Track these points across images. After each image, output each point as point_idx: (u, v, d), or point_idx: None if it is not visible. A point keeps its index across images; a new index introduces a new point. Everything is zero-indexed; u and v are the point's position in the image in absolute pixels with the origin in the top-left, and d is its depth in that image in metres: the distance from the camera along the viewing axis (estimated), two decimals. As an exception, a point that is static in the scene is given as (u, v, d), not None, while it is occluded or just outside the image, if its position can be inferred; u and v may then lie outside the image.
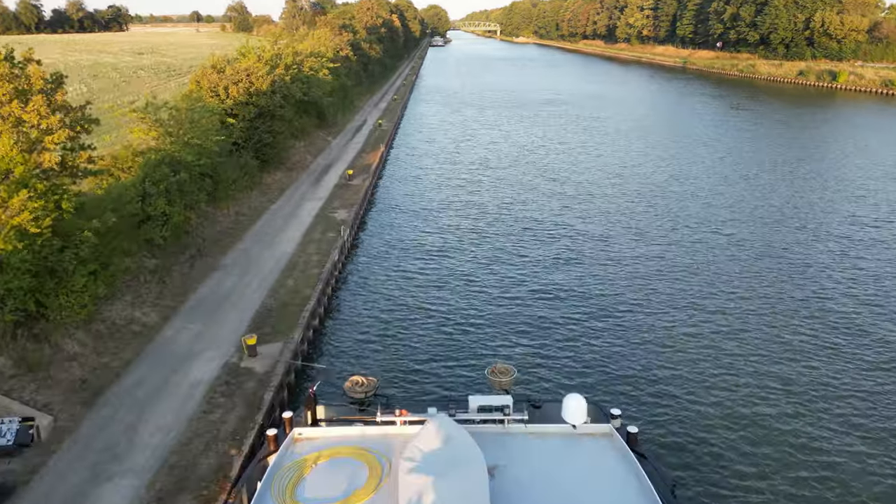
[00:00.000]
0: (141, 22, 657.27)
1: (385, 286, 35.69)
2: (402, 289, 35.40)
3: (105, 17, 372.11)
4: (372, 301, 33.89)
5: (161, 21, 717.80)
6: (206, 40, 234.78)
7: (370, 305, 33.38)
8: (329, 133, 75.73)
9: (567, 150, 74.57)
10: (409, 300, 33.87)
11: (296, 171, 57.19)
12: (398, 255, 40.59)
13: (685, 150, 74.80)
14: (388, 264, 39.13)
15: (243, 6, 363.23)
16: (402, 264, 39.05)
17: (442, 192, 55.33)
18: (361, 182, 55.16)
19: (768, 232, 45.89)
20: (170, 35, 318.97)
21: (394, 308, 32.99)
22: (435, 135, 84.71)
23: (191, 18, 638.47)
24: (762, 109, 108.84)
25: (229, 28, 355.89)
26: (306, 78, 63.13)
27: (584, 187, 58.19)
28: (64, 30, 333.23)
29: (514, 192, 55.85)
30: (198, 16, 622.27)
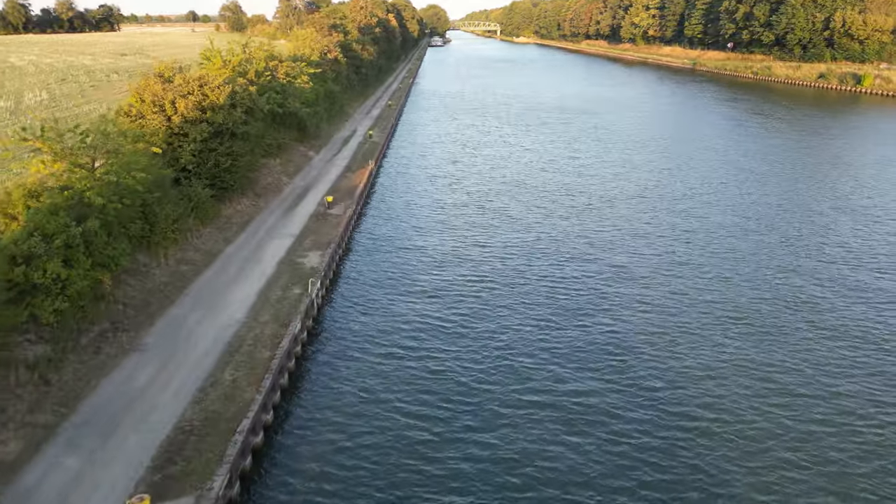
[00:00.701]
0: (137, 22, 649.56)
1: (362, 377, 26.86)
2: (385, 382, 26.52)
3: (96, 17, 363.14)
4: (343, 406, 24.80)
5: (157, 21, 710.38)
6: (197, 40, 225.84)
7: (341, 414, 24.22)
8: (311, 147, 66.98)
9: (581, 168, 65.81)
10: (397, 404, 24.86)
11: (266, 196, 48.44)
12: (381, 323, 31.64)
13: (714, 169, 66.04)
14: (368, 337, 30.26)
15: (237, 6, 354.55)
16: (386, 338, 30.17)
17: (438, 227, 46.43)
18: (343, 211, 46.42)
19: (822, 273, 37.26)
20: (162, 35, 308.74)
21: (374, 419, 23.94)
22: (431, 148, 75.95)
23: (187, 18, 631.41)
24: (786, 116, 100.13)
25: (223, 28, 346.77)
26: (281, 86, 54.43)
27: (608, 219, 49.45)
28: (53, 30, 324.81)
29: (524, 228, 47.07)
30: (194, 15, 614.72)
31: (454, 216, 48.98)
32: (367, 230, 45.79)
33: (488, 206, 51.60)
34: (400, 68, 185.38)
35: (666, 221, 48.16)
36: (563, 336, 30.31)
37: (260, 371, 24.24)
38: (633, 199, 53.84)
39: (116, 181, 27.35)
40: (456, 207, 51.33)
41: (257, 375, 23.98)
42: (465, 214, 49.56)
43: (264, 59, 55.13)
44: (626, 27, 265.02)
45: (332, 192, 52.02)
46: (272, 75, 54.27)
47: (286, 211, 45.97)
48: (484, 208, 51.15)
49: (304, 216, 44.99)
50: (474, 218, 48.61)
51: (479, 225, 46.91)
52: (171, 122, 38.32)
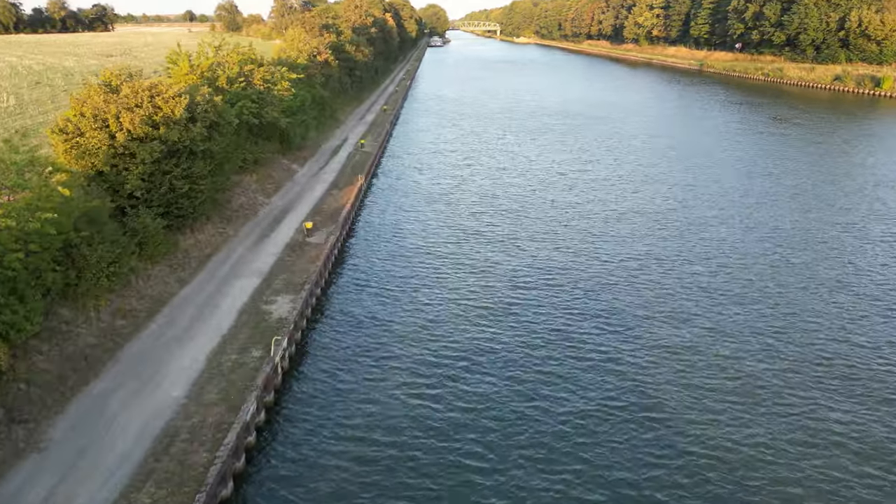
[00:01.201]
0: (135, 21, 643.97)
1: (337, 479, 20.69)
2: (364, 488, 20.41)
3: (89, 17, 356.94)
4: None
5: (154, 20, 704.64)
6: (192, 41, 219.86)
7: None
8: (296, 159, 60.78)
9: (593, 183, 59.63)
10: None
11: (237, 221, 42.26)
12: (363, 400, 25.46)
13: (738, 183, 59.87)
14: (344, 420, 24.06)
15: (233, 6, 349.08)
16: (368, 426, 23.89)
17: (434, 263, 40.17)
18: (324, 240, 40.24)
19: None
20: (156, 35, 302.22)
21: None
22: (428, 159, 69.75)
23: (184, 18, 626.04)
24: (806, 122, 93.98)
25: (219, 28, 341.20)
26: (258, 94, 48.27)
27: (628, 247, 43.29)
28: (45, 29, 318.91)
29: (534, 263, 40.90)
30: (191, 15, 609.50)
31: (453, 246, 42.74)
32: (351, 265, 39.46)
33: (492, 233, 45.39)
34: (397, 70, 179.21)
35: (696, 251, 41.99)
36: (590, 403, 24.18)
37: (190, 489, 18.07)
38: (655, 223, 47.65)
39: (17, 226, 21.17)
40: (455, 234, 45.09)
41: (185, 497, 17.80)
42: (466, 242, 43.33)
43: (238, 62, 48.94)
44: (630, 27, 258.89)
45: (315, 214, 45.83)
46: (247, 81, 48.10)
47: (258, 240, 39.75)
48: (487, 235, 44.94)
49: (279, 246, 38.79)
50: (476, 248, 42.39)
51: (483, 258, 40.71)
52: (116, 141, 32.15)
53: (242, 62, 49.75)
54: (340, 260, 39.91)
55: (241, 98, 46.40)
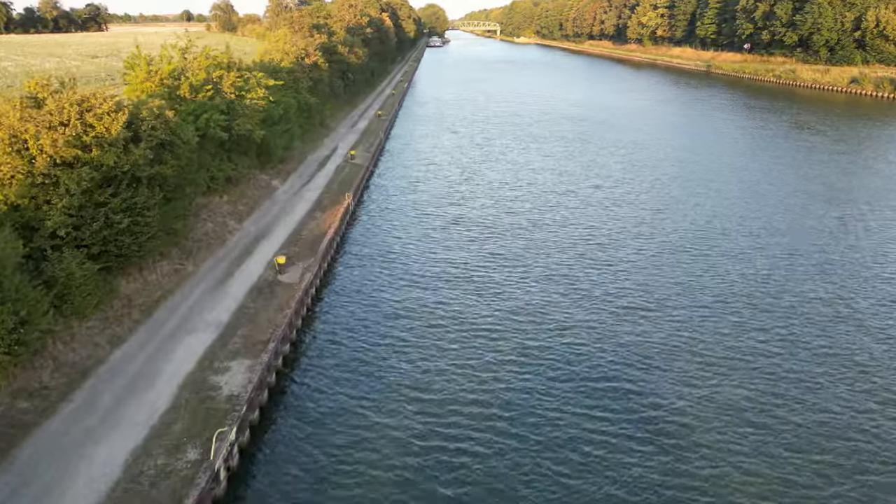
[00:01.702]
0: (132, 21, 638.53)
1: None
2: None
3: (82, 17, 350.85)
4: None
5: (151, 20, 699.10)
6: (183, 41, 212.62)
7: None
8: (277, 174, 54.73)
9: (607, 202, 53.58)
10: None
11: (199, 254, 36.20)
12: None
13: (775, 206, 53.87)
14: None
15: (229, 5, 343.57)
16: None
17: (427, 304, 34.16)
18: (299, 277, 34.20)
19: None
20: (149, 35, 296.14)
21: None
22: (425, 173, 63.66)
23: (181, 17, 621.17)
24: (826, 128, 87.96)
25: (214, 28, 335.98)
26: (228, 104, 42.17)
27: (653, 284, 37.28)
28: (37, 30, 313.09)
29: (541, 303, 34.89)
30: (188, 15, 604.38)
31: (450, 288, 36.65)
32: (329, 312, 33.22)
33: (495, 268, 39.31)
34: (395, 71, 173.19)
35: (735, 288, 35.95)
36: None
37: None
38: (683, 254, 41.58)
39: None
40: (453, 271, 38.99)
41: None
42: (465, 283, 37.26)
43: (206, 68, 42.84)
44: (633, 27, 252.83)
45: (292, 242, 39.76)
46: (215, 89, 42.02)
47: (221, 279, 33.67)
48: (489, 272, 38.86)
49: (245, 287, 32.72)
50: (477, 290, 36.33)
51: (485, 306, 34.65)
52: (35, 167, 26.10)
53: (211, 67, 43.64)
54: (316, 304, 33.76)
55: (208, 109, 40.29)
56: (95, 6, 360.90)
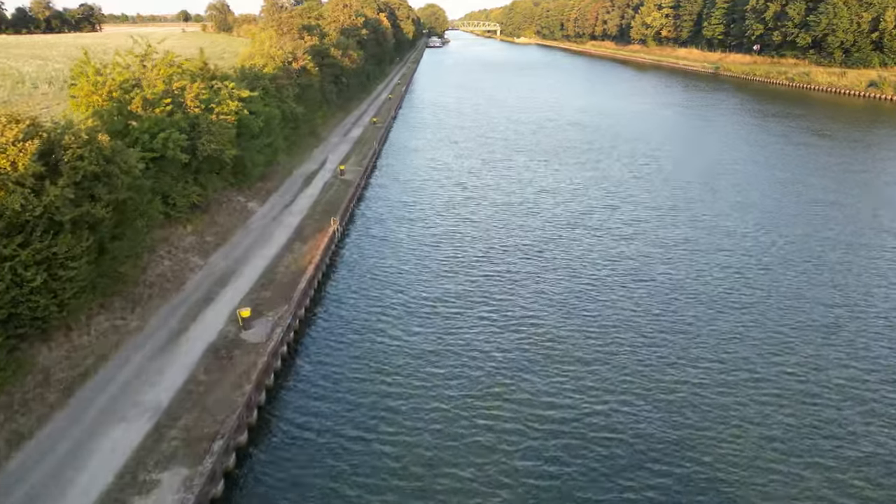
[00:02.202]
0: (129, 21, 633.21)
1: None
2: None
3: (75, 17, 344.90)
4: None
5: (149, 20, 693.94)
6: (177, 42, 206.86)
7: None
8: (255, 195, 48.83)
9: (626, 226, 47.67)
10: None
11: (149, 302, 30.28)
12: None
13: (816, 232, 48.03)
14: None
15: (225, 5, 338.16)
16: None
17: (422, 371, 28.37)
18: (265, 335, 28.30)
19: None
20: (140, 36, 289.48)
21: None
22: (421, 191, 57.76)
23: (179, 17, 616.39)
24: (850, 135, 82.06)
25: (210, 28, 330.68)
26: (192, 120, 36.23)
27: (685, 338, 31.44)
28: (29, 30, 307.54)
29: (555, 374, 29.04)
30: (186, 15, 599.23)
31: (449, 349, 30.78)
32: (300, 381, 27.18)
33: (502, 318, 33.44)
34: (393, 73, 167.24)
35: (786, 335, 30.11)
36: None
37: None
38: (720, 294, 35.70)
39: None
40: (453, 320, 33.11)
41: None
42: (468, 339, 31.39)
43: (167, 77, 36.93)
44: (637, 27, 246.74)
45: (264, 283, 33.85)
46: (175, 103, 36.11)
47: (170, 338, 27.76)
48: (495, 322, 32.99)
49: (198, 350, 26.82)
50: (482, 351, 30.47)
51: (491, 373, 28.78)
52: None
53: (174, 76, 37.71)
54: (286, 372, 27.81)
55: (166, 126, 34.36)
56: (89, 6, 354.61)
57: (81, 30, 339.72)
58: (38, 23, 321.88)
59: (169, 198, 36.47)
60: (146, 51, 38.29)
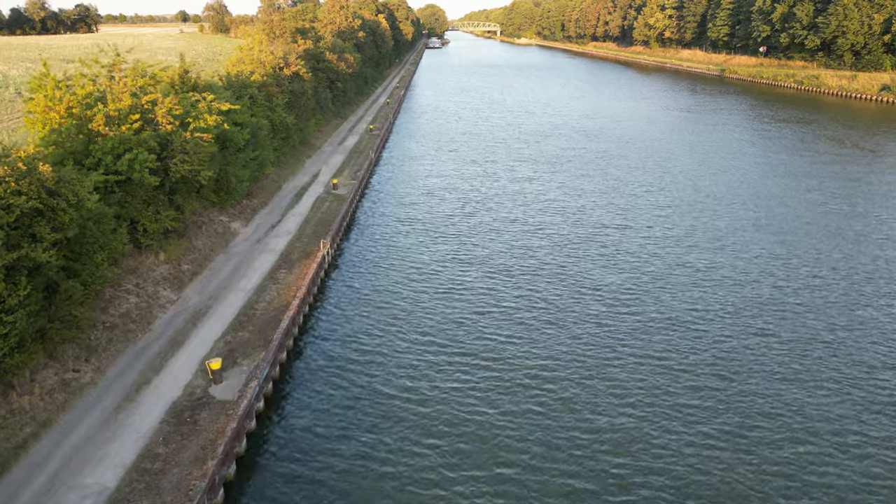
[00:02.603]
0: (126, 22, 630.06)
1: None
2: None
3: (71, 18, 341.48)
4: None
5: (147, 21, 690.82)
6: (172, 43, 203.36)
7: None
8: (239, 214, 45.18)
9: (641, 248, 44.02)
10: None
11: (108, 350, 26.61)
12: None
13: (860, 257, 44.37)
14: None
15: (222, 5, 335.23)
16: None
17: (420, 430, 24.76)
18: (239, 388, 24.65)
19: None
20: (138, 36, 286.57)
21: None
22: (419, 206, 54.13)
23: (177, 18, 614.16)
24: (869, 143, 78.48)
25: (207, 29, 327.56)
26: (163, 138, 32.58)
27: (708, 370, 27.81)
28: (24, 31, 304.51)
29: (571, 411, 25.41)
30: (184, 15, 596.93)
31: (449, 400, 27.15)
32: (277, 446, 23.56)
33: (515, 368, 29.80)
34: (391, 76, 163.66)
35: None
36: None
37: None
38: (750, 324, 32.08)
39: None
40: (454, 362, 29.47)
41: None
42: (471, 385, 27.74)
43: (136, 90, 33.27)
44: (640, 28, 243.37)
45: (242, 321, 30.20)
46: (144, 119, 32.48)
47: (127, 395, 24.07)
48: (506, 376, 29.36)
49: (157, 411, 23.15)
50: (487, 398, 26.82)
51: (496, 424, 25.14)
52: None
53: (145, 88, 34.04)
54: (262, 435, 24.14)
55: (133, 146, 30.72)
56: (85, 7, 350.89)
57: (77, 31, 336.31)
58: (33, 24, 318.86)
59: (138, 224, 32.86)
60: (114, 60, 34.60)
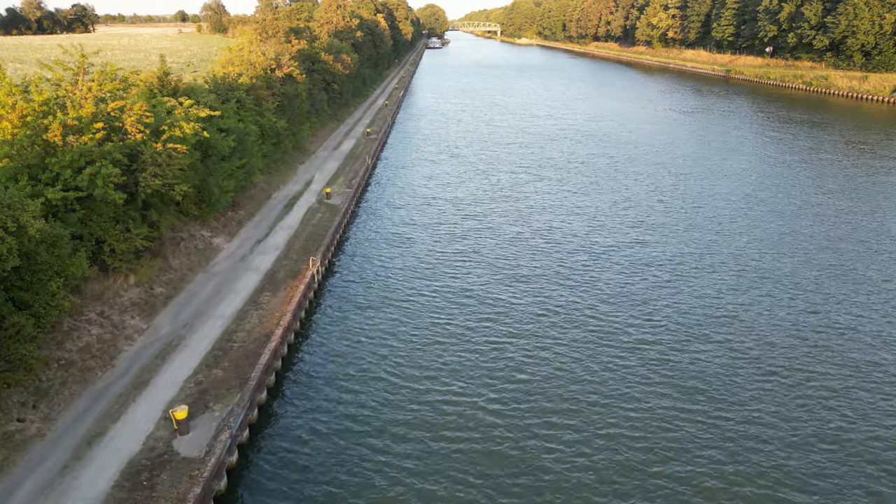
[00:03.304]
0: (125, 22, 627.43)
1: None
2: None
3: (67, 17, 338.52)
4: None
5: (146, 21, 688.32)
6: (169, 44, 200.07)
7: None
8: (223, 227, 41.88)
9: (661, 270, 40.76)
10: None
11: (60, 392, 23.32)
12: None
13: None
14: None
15: (220, 5, 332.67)
16: None
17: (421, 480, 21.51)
18: (208, 442, 21.35)
19: None
20: (133, 37, 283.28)
21: None
22: (416, 219, 50.90)
23: (176, 18, 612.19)
24: (889, 147, 75.25)
25: (205, 29, 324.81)
26: (132, 149, 29.33)
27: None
28: (20, 31, 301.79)
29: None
30: (183, 15, 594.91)
31: (456, 447, 23.87)
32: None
33: (518, 406, 26.52)
34: (390, 76, 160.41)
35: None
36: None
37: None
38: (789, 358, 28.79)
39: None
40: (455, 415, 26.19)
41: None
42: (481, 454, 24.47)
43: (101, 96, 30.04)
44: (642, 28, 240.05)
45: (217, 356, 26.89)
46: (111, 127, 29.24)
47: (77, 452, 20.77)
48: (509, 415, 26.08)
49: (110, 472, 19.83)
50: (497, 448, 23.55)
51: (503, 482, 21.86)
52: None
53: (111, 94, 30.77)
54: (233, 493, 20.82)
55: (96, 158, 27.45)
56: (81, 7, 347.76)
57: (74, 31, 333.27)
58: (28, 24, 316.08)
59: (105, 244, 29.59)
60: (79, 62, 31.32)
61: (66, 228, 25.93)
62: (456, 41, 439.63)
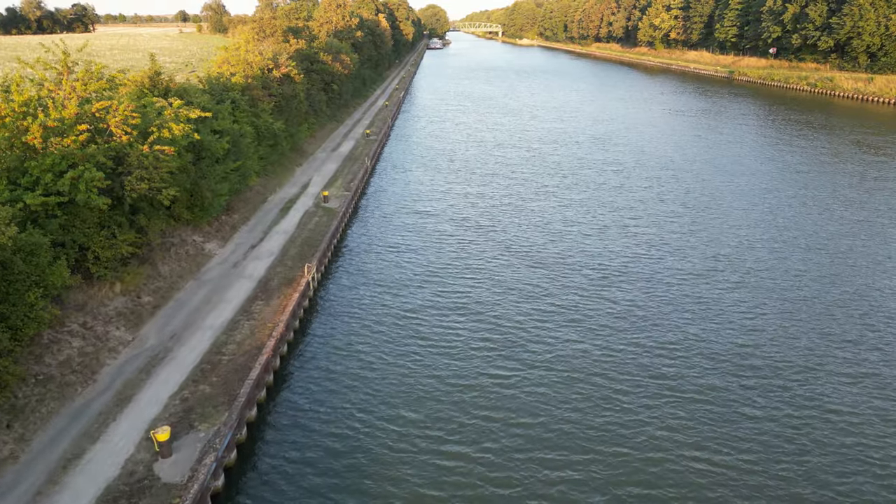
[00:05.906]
0: (125, 22, 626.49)
1: None
2: None
3: (67, 17, 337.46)
4: None
5: (146, 20, 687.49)
6: (168, 43, 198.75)
7: None
8: (216, 232, 40.52)
9: (682, 296, 39.39)
10: None
11: (36, 409, 21.97)
12: None
13: None
14: None
15: (220, 5, 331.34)
16: None
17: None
18: (192, 465, 19.98)
19: None
20: (132, 37, 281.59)
21: None
22: (417, 223, 49.50)
23: (177, 18, 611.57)
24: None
25: (206, 29, 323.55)
26: (117, 151, 27.96)
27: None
28: (19, 30, 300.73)
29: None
30: (184, 15, 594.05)
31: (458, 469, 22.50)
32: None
33: (525, 432, 25.15)
34: (391, 77, 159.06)
35: None
36: None
37: None
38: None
39: None
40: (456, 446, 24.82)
41: None
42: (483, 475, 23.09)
43: (86, 96, 28.74)
44: (644, 29, 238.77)
45: (205, 369, 25.53)
46: (94, 129, 27.92)
47: (51, 476, 19.39)
48: (512, 439, 24.71)
49: (86, 501, 18.52)
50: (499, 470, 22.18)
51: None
52: None
53: (96, 94, 29.46)
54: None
55: (77, 161, 26.12)
56: (82, 6, 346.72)
57: (74, 30, 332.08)
58: (28, 23, 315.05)
59: (89, 251, 28.26)
60: (62, 61, 29.98)
61: (46, 235, 24.64)
62: (457, 42, 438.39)
